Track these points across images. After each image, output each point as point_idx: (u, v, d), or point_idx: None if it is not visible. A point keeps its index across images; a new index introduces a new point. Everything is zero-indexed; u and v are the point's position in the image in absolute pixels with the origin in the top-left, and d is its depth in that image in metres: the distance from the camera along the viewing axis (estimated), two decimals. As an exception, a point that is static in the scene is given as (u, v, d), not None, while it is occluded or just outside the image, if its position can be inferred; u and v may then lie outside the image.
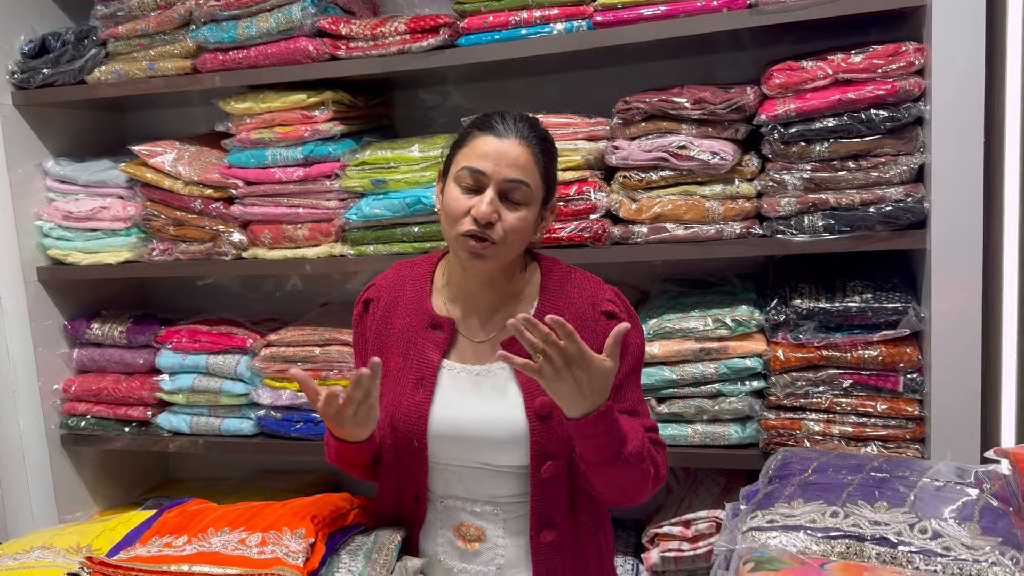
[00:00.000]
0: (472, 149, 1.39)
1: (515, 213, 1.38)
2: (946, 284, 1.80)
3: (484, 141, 1.39)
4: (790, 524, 1.05)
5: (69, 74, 2.34)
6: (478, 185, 1.37)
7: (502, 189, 1.37)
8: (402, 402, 1.44)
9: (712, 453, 2.03)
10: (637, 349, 1.46)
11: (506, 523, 1.45)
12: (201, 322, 2.45)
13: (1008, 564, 0.96)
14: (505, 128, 1.39)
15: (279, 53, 2.15)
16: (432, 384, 1.44)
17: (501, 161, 1.36)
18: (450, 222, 1.39)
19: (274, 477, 2.70)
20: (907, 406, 1.88)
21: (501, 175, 1.36)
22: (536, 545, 1.44)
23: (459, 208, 1.37)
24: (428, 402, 1.43)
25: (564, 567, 1.45)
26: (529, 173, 1.38)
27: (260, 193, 2.26)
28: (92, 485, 2.63)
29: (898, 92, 1.78)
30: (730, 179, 1.93)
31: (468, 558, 1.46)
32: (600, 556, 1.53)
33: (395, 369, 1.47)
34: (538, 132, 1.43)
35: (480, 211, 1.34)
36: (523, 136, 1.39)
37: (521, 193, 1.38)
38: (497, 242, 1.37)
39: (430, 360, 1.45)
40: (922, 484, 1.13)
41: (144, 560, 1.26)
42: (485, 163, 1.37)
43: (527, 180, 1.38)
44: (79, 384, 2.49)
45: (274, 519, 1.34)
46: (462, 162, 1.39)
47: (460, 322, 1.48)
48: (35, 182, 2.46)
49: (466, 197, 1.37)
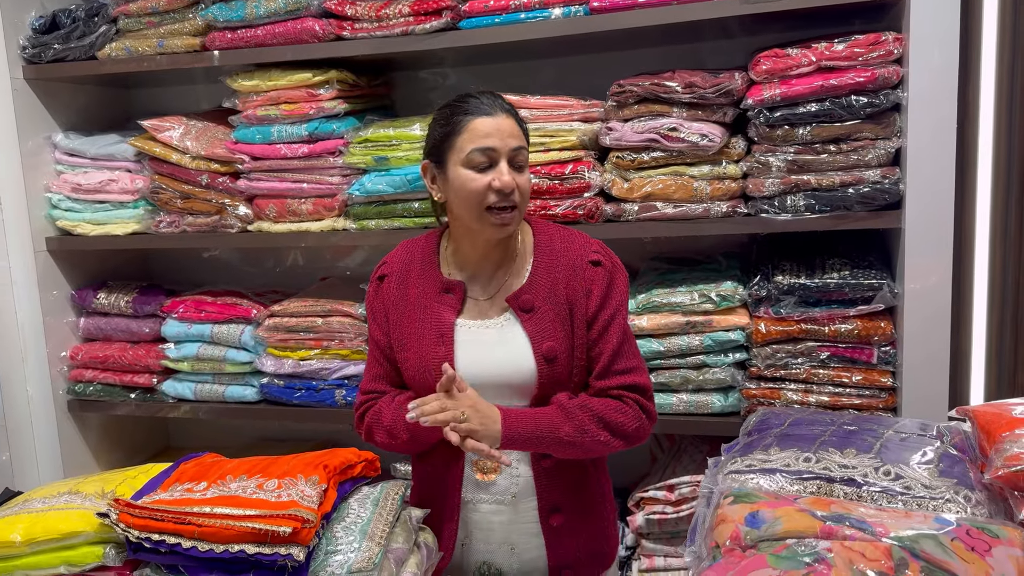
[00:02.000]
0: (472, 132, 1.52)
1: (523, 176, 1.55)
2: (918, 262, 1.91)
3: (481, 123, 1.52)
4: (767, 468, 1.15)
5: (79, 50, 2.41)
6: (490, 162, 1.52)
7: (509, 158, 1.52)
8: (428, 357, 1.57)
9: (696, 421, 2.13)
10: (621, 293, 1.60)
11: (520, 454, 1.58)
12: (206, 293, 2.53)
13: (961, 501, 1.06)
14: (491, 107, 1.54)
15: (286, 32, 2.22)
16: (451, 339, 1.58)
17: (503, 135, 1.52)
18: (473, 202, 1.52)
19: (275, 445, 2.78)
20: (880, 377, 1.99)
21: (508, 146, 1.52)
22: (538, 469, 1.58)
23: (481, 186, 1.51)
24: (451, 354, 1.56)
25: (563, 488, 1.60)
26: (522, 139, 1.56)
27: (265, 168, 2.34)
28: (96, 450, 2.71)
29: (877, 79, 1.88)
30: (718, 160, 2.03)
31: (485, 488, 1.60)
32: (600, 485, 1.67)
33: (416, 331, 1.60)
34: (508, 105, 1.59)
35: (505, 181, 1.50)
36: (505, 109, 1.56)
37: (523, 157, 1.56)
38: (517, 205, 1.53)
39: (447, 320, 1.59)
40: (888, 435, 1.23)
41: (167, 503, 1.35)
42: (491, 140, 1.51)
43: (525, 145, 1.57)
44: (86, 352, 2.57)
45: (288, 468, 1.43)
46: (467, 146, 1.52)
47: (467, 284, 1.62)
48: (45, 155, 2.53)
49: (482, 176, 1.51)
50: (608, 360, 1.56)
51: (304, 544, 1.28)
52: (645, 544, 2.19)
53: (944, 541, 0.93)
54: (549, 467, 1.59)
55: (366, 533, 1.37)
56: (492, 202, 1.51)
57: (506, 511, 1.60)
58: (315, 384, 2.38)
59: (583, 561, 1.63)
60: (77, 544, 1.36)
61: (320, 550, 1.33)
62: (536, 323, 1.56)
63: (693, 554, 1.07)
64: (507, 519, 1.61)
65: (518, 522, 1.61)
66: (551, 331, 1.55)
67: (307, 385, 2.39)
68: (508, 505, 1.60)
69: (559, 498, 1.60)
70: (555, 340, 1.55)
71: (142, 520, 1.31)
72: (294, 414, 2.42)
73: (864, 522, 0.98)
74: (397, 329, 1.62)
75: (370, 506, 1.45)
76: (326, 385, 2.37)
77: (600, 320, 1.57)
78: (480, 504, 1.61)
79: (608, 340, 1.56)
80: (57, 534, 1.36)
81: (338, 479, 1.45)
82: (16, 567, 1.36)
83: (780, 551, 0.94)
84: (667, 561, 2.16)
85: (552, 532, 1.60)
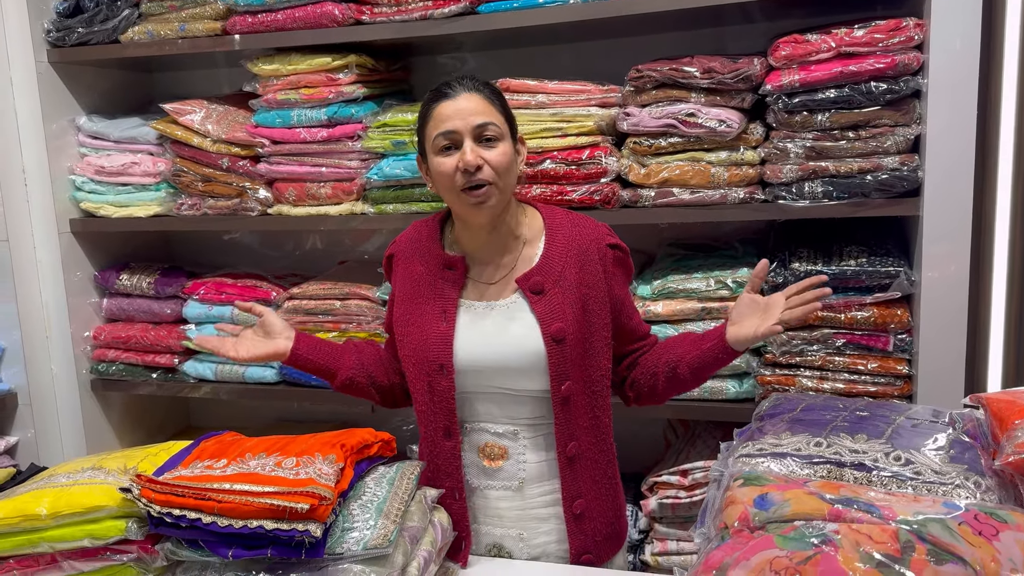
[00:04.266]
0: (436, 119, 1.54)
1: (495, 149, 1.53)
2: (936, 250, 1.90)
3: (442, 107, 1.54)
4: (777, 452, 1.16)
5: (103, 33, 2.44)
6: (454, 143, 1.53)
7: (475, 135, 1.52)
8: (429, 334, 1.59)
9: (710, 407, 2.14)
10: (631, 271, 1.70)
11: (527, 441, 1.60)
12: (226, 275, 2.56)
13: (971, 487, 1.07)
14: (453, 90, 1.55)
15: (306, 17, 2.24)
16: (453, 316, 1.59)
17: (463, 113, 1.52)
18: (445, 186, 1.55)
19: (293, 426, 2.83)
20: (896, 365, 1.99)
21: (469, 124, 1.52)
22: (563, 460, 1.59)
23: (447, 169, 1.53)
24: (452, 331, 1.58)
25: (586, 473, 1.61)
26: (489, 113, 1.54)
27: (285, 152, 2.36)
28: (119, 429, 2.76)
29: (897, 66, 1.87)
30: (735, 146, 2.02)
31: (492, 474, 1.61)
32: (609, 465, 1.68)
33: (419, 308, 1.62)
34: (481, 81, 1.58)
35: (465, 159, 1.50)
36: (470, 88, 1.55)
37: (491, 131, 1.53)
38: (492, 182, 1.52)
39: (450, 296, 1.60)
40: (900, 422, 1.24)
41: (188, 479, 1.38)
42: (451, 123, 1.52)
43: (491, 119, 1.53)
44: (108, 332, 2.61)
45: (306, 447, 1.46)
46: (432, 133, 1.55)
47: (471, 267, 1.63)
48: (68, 137, 2.56)
49: (449, 158, 1.53)
50: (636, 326, 1.69)
51: (321, 521, 1.30)
52: (658, 528, 2.20)
53: (951, 525, 0.93)
54: (573, 455, 1.59)
55: (382, 511, 1.39)
56: (461, 184, 1.51)
57: (513, 497, 1.61)
58: (333, 366, 2.40)
59: (600, 544, 1.65)
60: (100, 518, 1.39)
61: (337, 527, 1.36)
62: (546, 304, 1.56)
63: (702, 535, 1.09)
64: (515, 505, 1.62)
65: (526, 508, 1.62)
66: (561, 312, 1.56)
67: (325, 367, 2.41)
68: (515, 491, 1.60)
69: (581, 485, 1.61)
70: (564, 322, 1.55)
71: (163, 496, 1.34)
72: (312, 395, 2.45)
73: (872, 505, 0.98)
74: (401, 306, 1.65)
75: (386, 485, 1.47)
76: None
77: (627, 301, 1.66)
78: (487, 491, 1.62)
79: (632, 313, 1.68)
80: (81, 508, 1.39)
81: (355, 458, 1.47)
82: (41, 539, 1.39)
83: (788, 532, 0.96)
84: (680, 545, 2.17)
85: (575, 519, 1.61)
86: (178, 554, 1.36)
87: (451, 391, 1.58)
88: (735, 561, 0.94)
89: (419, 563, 1.41)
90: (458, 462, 1.61)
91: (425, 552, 1.45)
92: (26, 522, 1.40)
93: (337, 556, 1.32)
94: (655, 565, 2.19)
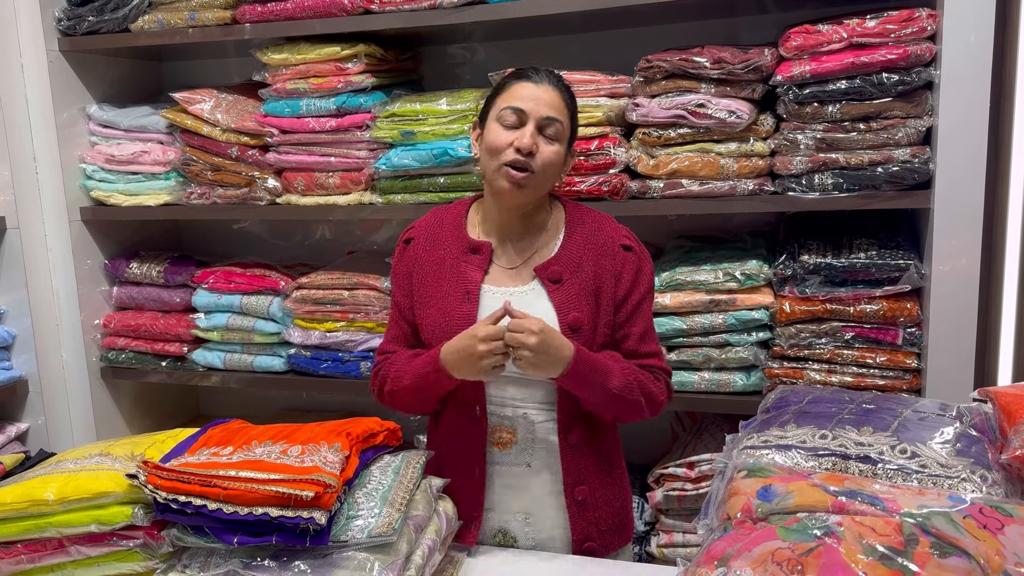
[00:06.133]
0: (512, 93, 1.59)
1: (551, 147, 1.57)
2: (947, 243, 1.88)
3: (522, 86, 1.59)
4: (782, 444, 1.16)
5: (113, 22, 2.44)
6: (519, 122, 1.56)
7: (539, 125, 1.56)
8: (453, 314, 1.60)
9: (718, 399, 2.13)
10: (648, 280, 1.65)
11: (535, 425, 1.61)
12: (235, 264, 2.57)
13: (977, 480, 1.06)
14: (539, 77, 1.60)
15: (315, 6, 2.23)
16: (476, 298, 1.60)
17: (539, 102, 1.57)
18: (493, 155, 1.57)
19: (300, 415, 2.83)
20: (905, 358, 1.98)
21: (539, 113, 1.56)
22: (564, 444, 1.60)
23: (502, 141, 1.56)
24: (475, 312, 1.59)
25: (588, 461, 1.62)
26: (561, 113, 1.59)
27: (294, 142, 2.36)
28: (128, 417, 2.78)
29: (910, 57, 1.86)
30: (745, 137, 2.01)
31: (500, 458, 1.63)
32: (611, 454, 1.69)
33: (441, 290, 1.63)
34: (565, 83, 1.64)
35: (523, 142, 1.54)
36: (554, 83, 1.61)
37: (555, 129, 1.57)
38: (536, 172, 1.55)
39: (473, 278, 1.62)
40: (906, 415, 1.23)
41: (194, 466, 1.38)
42: (525, 103, 1.56)
43: (560, 118, 1.58)
44: (118, 320, 2.62)
45: (312, 435, 1.46)
46: (503, 104, 1.58)
47: (495, 250, 1.64)
48: (79, 126, 2.57)
49: (508, 133, 1.56)
50: (635, 343, 1.62)
51: (326, 508, 1.30)
52: (664, 520, 2.20)
53: (956, 518, 0.93)
54: (575, 442, 1.61)
55: (387, 500, 1.40)
56: (509, 159, 1.54)
57: (521, 482, 1.63)
58: (341, 356, 2.41)
59: (604, 534, 1.66)
60: (107, 504, 1.40)
61: (341, 515, 1.36)
62: (563, 294, 1.58)
63: (706, 527, 1.08)
64: (523, 489, 1.63)
65: (534, 493, 1.63)
66: (577, 302, 1.58)
67: (333, 356, 2.42)
68: (522, 476, 1.62)
69: (584, 472, 1.63)
70: (580, 312, 1.57)
71: (169, 482, 1.35)
72: (320, 384, 2.46)
73: (876, 498, 0.98)
74: (421, 288, 1.65)
75: (391, 474, 1.48)
76: (351, 357, 2.41)
77: (629, 304, 1.62)
78: (495, 475, 1.63)
79: (635, 324, 1.62)
80: (88, 493, 1.40)
81: (360, 447, 1.47)
82: (49, 524, 1.41)
83: (791, 524, 0.95)
84: (686, 537, 2.17)
85: (576, 505, 1.62)
86: (184, 540, 1.37)
87: None
88: (737, 552, 0.93)
89: (423, 551, 1.42)
90: (482, 442, 1.62)
91: (430, 541, 1.45)
92: (34, 507, 1.41)
93: (342, 543, 1.33)
94: (661, 557, 2.19)
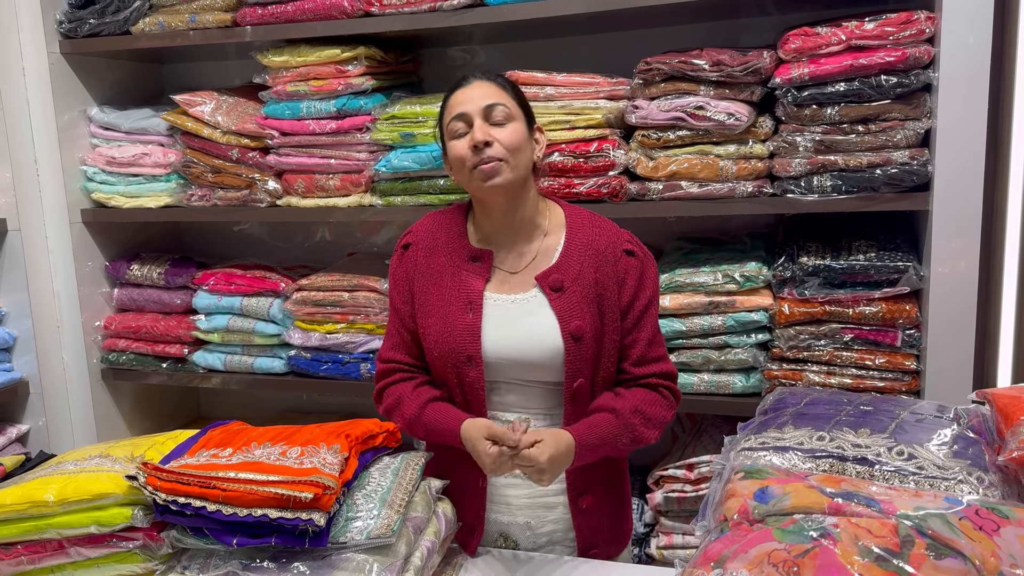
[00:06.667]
0: (450, 106, 1.61)
1: (504, 129, 1.57)
2: (946, 245, 1.89)
3: (457, 95, 1.61)
4: (779, 445, 1.16)
5: (114, 24, 2.45)
6: (467, 125, 1.57)
7: (484, 116, 1.56)
8: (455, 324, 1.59)
9: (717, 401, 2.14)
10: (653, 283, 1.64)
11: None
12: (236, 266, 2.57)
13: (973, 482, 1.06)
14: (466, 80, 1.62)
15: (316, 8, 2.24)
16: (479, 308, 1.59)
17: (474, 98, 1.58)
18: (459, 166, 1.59)
19: (300, 417, 2.83)
20: (904, 360, 1.98)
21: (479, 105, 1.57)
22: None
23: (460, 150, 1.57)
24: (479, 322, 1.58)
25: (592, 469, 1.61)
26: (499, 96, 1.59)
27: (294, 144, 2.36)
28: (129, 418, 2.78)
29: (908, 59, 1.86)
30: (744, 139, 2.02)
31: None
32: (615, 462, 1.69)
33: (443, 299, 1.62)
34: (496, 73, 1.65)
35: (475, 137, 1.54)
36: (486, 78, 1.62)
37: (501, 112, 1.57)
38: (502, 158, 1.55)
39: (475, 288, 1.61)
40: (904, 417, 1.23)
41: (193, 468, 1.39)
42: (464, 106, 1.58)
43: (500, 100, 1.58)
44: (119, 322, 2.63)
45: (311, 436, 1.47)
46: (447, 120, 1.61)
47: (496, 257, 1.64)
48: (80, 128, 2.58)
49: (462, 140, 1.57)
50: (643, 349, 1.61)
51: (325, 510, 1.31)
52: (664, 522, 2.20)
53: (952, 520, 0.93)
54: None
55: (386, 501, 1.40)
56: (473, 161, 1.55)
57: (523, 488, 1.62)
58: (341, 357, 2.42)
59: (607, 540, 1.66)
60: (107, 505, 1.41)
61: (341, 516, 1.36)
62: (565, 302, 1.57)
63: (703, 528, 1.09)
64: (523, 493, 1.63)
65: (534, 497, 1.63)
66: (579, 311, 1.56)
67: (333, 358, 2.43)
68: (524, 479, 1.60)
69: (588, 481, 1.62)
70: (583, 320, 1.56)
71: (169, 484, 1.35)
72: (320, 386, 2.46)
73: (873, 500, 0.98)
74: (421, 296, 1.64)
75: (390, 475, 1.48)
76: (351, 358, 2.41)
77: (635, 310, 1.60)
78: (496, 481, 1.63)
79: (643, 329, 1.61)
80: (88, 495, 1.40)
81: (359, 448, 1.48)
82: (49, 525, 1.41)
83: (787, 525, 0.95)
84: (685, 539, 2.17)
85: (581, 514, 1.62)
86: (183, 542, 1.38)
87: (480, 381, 1.59)
88: (733, 553, 0.94)
89: (422, 553, 1.42)
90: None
91: (428, 542, 1.45)
92: (34, 508, 1.41)
93: (341, 545, 1.33)
94: (660, 558, 2.19)
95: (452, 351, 1.59)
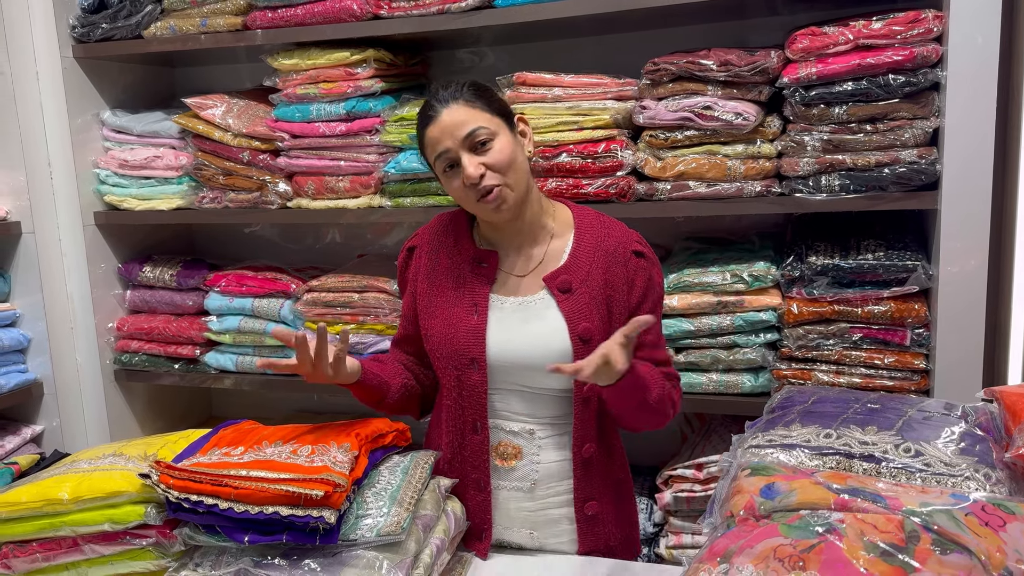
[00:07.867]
0: (429, 144, 1.55)
1: (492, 151, 1.51)
2: (955, 243, 1.88)
3: (431, 131, 1.54)
4: (787, 443, 1.17)
5: (126, 29, 2.47)
6: (453, 161, 1.53)
7: (468, 146, 1.51)
8: (460, 327, 1.59)
9: (726, 400, 2.14)
10: (659, 286, 1.63)
11: (542, 441, 1.59)
12: (247, 268, 2.59)
13: (980, 479, 1.07)
14: (434, 109, 1.53)
15: (325, 11, 2.26)
16: (485, 310, 1.59)
17: (448, 131, 1.51)
18: (463, 201, 1.57)
19: (312, 417, 2.85)
20: (913, 359, 1.98)
21: (457, 139, 1.51)
22: (578, 459, 1.59)
23: (458, 187, 1.54)
24: (484, 325, 1.57)
25: (599, 476, 1.62)
26: (474, 116, 1.51)
27: (304, 146, 2.38)
28: (142, 418, 2.80)
29: (916, 58, 1.86)
30: (752, 139, 2.02)
31: (504, 474, 1.61)
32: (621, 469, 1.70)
33: (448, 300, 1.62)
34: (459, 86, 1.55)
35: (468, 175, 1.50)
36: (448, 100, 1.53)
37: (481, 134, 1.51)
38: (500, 183, 1.51)
39: (481, 290, 1.60)
40: (911, 414, 1.24)
41: (206, 466, 1.40)
42: (441, 144, 1.52)
43: (477, 122, 1.51)
44: (131, 323, 2.65)
45: (321, 435, 1.48)
46: (431, 158, 1.56)
47: (502, 259, 1.63)
48: (93, 131, 2.60)
49: (454, 177, 1.54)
50: (649, 351, 1.60)
51: (335, 508, 1.32)
52: (673, 521, 2.21)
53: (958, 516, 0.93)
54: (589, 457, 1.59)
55: (395, 499, 1.41)
56: (473, 197, 1.52)
57: (525, 497, 1.61)
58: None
59: (614, 548, 1.65)
60: (120, 503, 1.42)
61: (351, 514, 1.38)
62: (573, 304, 1.56)
63: (710, 525, 1.09)
64: (526, 506, 1.61)
65: (537, 510, 1.61)
66: (587, 313, 1.55)
67: (344, 359, 2.44)
68: (527, 492, 1.60)
69: (595, 487, 1.61)
70: (591, 322, 1.55)
71: (181, 482, 1.37)
72: (331, 387, 2.44)
73: (879, 496, 0.99)
74: (425, 298, 1.64)
75: (400, 474, 1.49)
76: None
77: (642, 312, 1.58)
78: (499, 491, 1.62)
79: (649, 331, 1.58)
80: (102, 493, 1.42)
81: (369, 447, 1.49)
82: (63, 523, 1.43)
83: (793, 521, 0.96)
84: (694, 539, 2.18)
85: (587, 520, 1.61)
86: (195, 539, 1.39)
87: (483, 385, 1.58)
88: (739, 549, 0.94)
89: (431, 551, 1.43)
90: (485, 455, 1.61)
91: (438, 540, 1.46)
92: (48, 506, 1.43)
93: (351, 542, 1.35)
94: (670, 558, 2.19)
95: (455, 353, 1.59)
